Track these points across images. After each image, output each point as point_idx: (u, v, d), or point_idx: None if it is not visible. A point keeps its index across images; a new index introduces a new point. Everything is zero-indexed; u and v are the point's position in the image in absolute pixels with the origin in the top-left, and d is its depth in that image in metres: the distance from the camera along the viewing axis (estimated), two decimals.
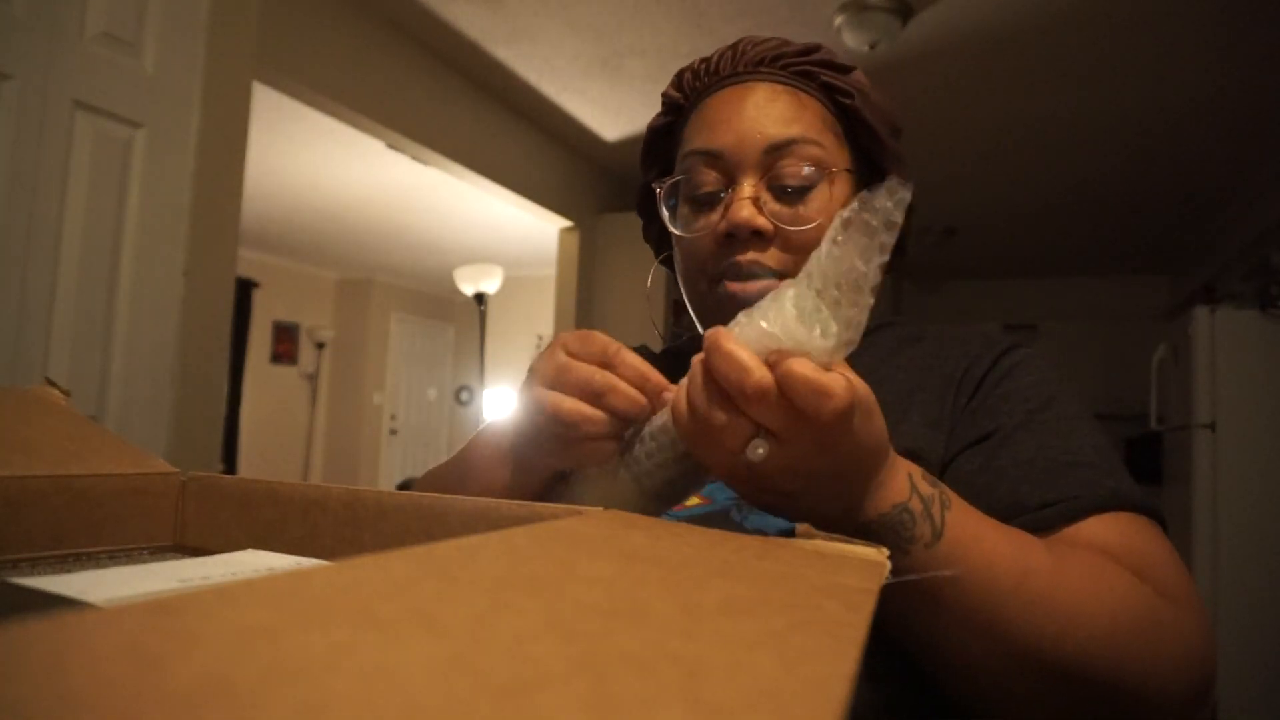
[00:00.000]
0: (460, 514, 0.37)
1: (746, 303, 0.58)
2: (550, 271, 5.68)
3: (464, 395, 7.73)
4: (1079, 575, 0.44)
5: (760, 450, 0.38)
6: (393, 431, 7.10)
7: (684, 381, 0.41)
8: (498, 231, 5.57)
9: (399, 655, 0.13)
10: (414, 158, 3.31)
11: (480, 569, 0.20)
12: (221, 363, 1.89)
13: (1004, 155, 3.79)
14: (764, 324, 0.38)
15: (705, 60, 0.66)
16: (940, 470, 0.57)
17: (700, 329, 0.69)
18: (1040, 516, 0.50)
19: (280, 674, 0.12)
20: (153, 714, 0.10)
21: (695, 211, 0.63)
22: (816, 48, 0.65)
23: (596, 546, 0.26)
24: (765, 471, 0.39)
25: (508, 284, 6.46)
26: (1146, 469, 3.83)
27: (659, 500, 0.47)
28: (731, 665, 0.15)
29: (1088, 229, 4.87)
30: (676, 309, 4.35)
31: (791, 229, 0.60)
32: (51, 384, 0.52)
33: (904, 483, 0.42)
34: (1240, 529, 2.94)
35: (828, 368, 0.37)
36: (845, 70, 0.64)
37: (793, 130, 0.61)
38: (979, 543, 0.43)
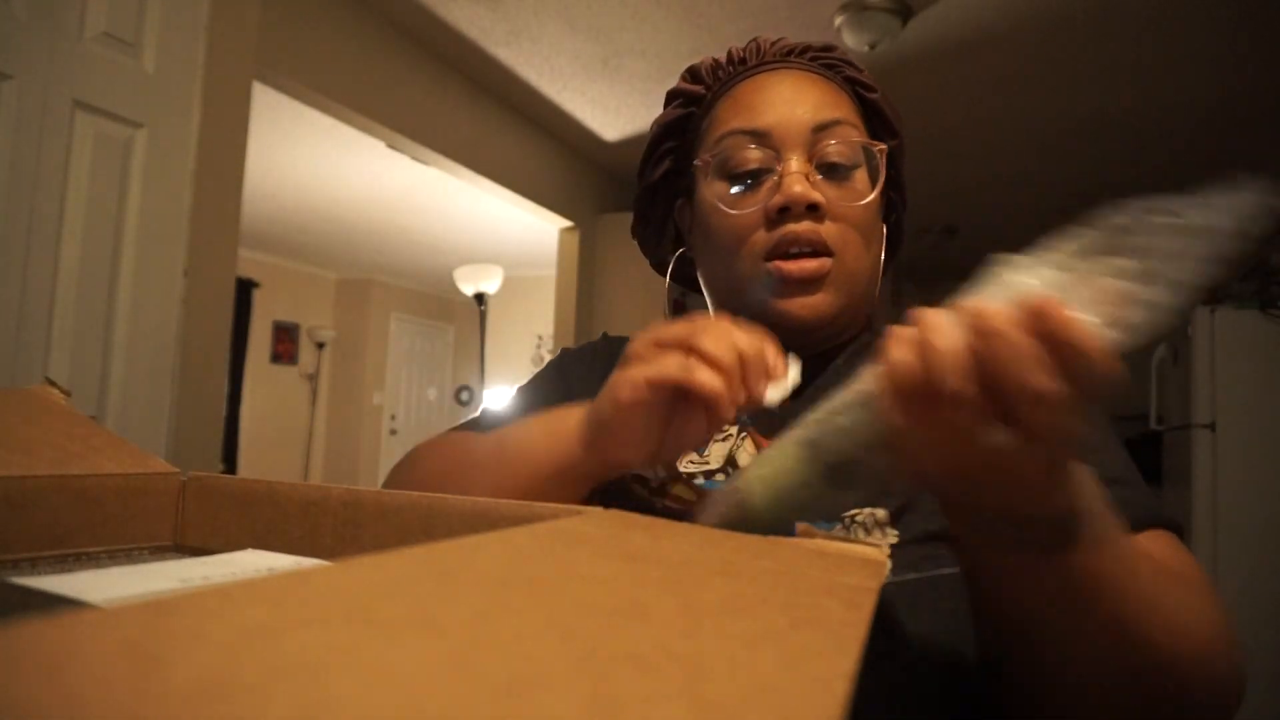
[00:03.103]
0: (460, 514, 0.37)
1: (801, 280, 0.59)
2: (550, 271, 5.68)
3: (464, 395, 7.73)
4: (1172, 578, 0.45)
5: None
6: (393, 431, 7.10)
7: (898, 343, 0.35)
8: (498, 231, 5.57)
9: (398, 655, 0.13)
10: (414, 158, 3.31)
11: (480, 569, 0.20)
12: (221, 363, 1.89)
13: (1004, 155, 3.79)
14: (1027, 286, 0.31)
15: (719, 59, 0.67)
16: None
17: (717, 313, 0.68)
18: None
19: (280, 674, 0.11)
20: (152, 714, 0.10)
21: (737, 191, 0.62)
22: (834, 46, 0.66)
23: (597, 546, 0.26)
24: (984, 457, 0.34)
25: (508, 284, 6.46)
26: (1146, 469, 3.83)
27: (834, 483, 0.40)
28: (732, 664, 0.15)
29: None
30: (676, 308, 4.34)
31: (842, 206, 0.60)
32: (52, 384, 0.52)
33: (1081, 479, 0.38)
34: (1240, 529, 2.94)
35: None
36: (858, 69, 0.66)
37: (836, 112, 0.61)
38: (1126, 541, 0.41)
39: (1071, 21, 2.57)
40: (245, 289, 6.12)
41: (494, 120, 3.47)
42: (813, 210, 0.59)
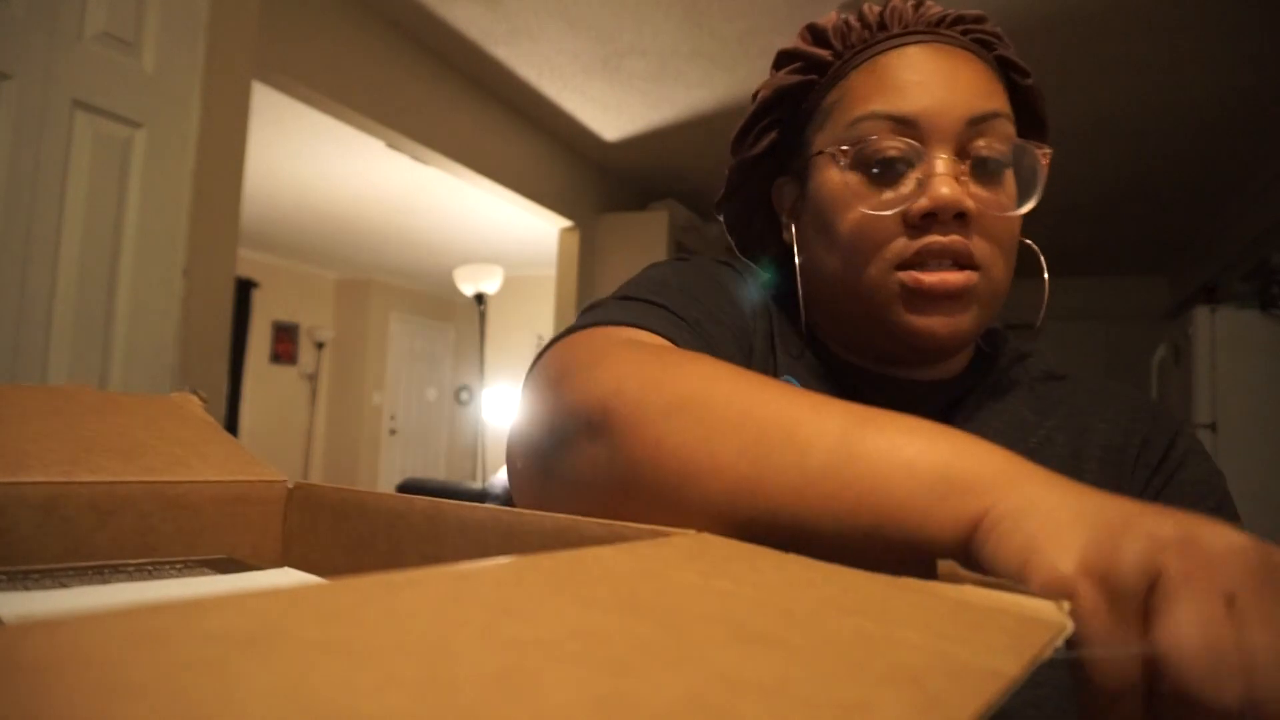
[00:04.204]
0: (541, 531, 0.34)
1: (945, 295, 0.50)
2: (550, 271, 5.69)
3: (464, 395, 7.73)
4: None
5: None
6: (392, 431, 7.10)
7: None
8: (498, 231, 5.57)
9: None
10: (414, 158, 3.31)
11: (364, 620, 0.15)
12: (221, 363, 1.88)
13: None
14: None
15: (850, 19, 0.57)
16: None
17: (847, 322, 0.57)
18: None
19: None
20: None
21: (871, 185, 0.53)
22: (985, 17, 0.56)
23: (606, 587, 0.19)
24: None
25: (508, 284, 6.46)
26: None
27: None
28: None
29: (1088, 229, 4.87)
30: None
31: (992, 216, 0.51)
32: (194, 392, 0.51)
33: None
34: (1240, 528, 2.94)
35: None
36: (1009, 49, 0.56)
37: (993, 103, 0.52)
38: None
39: (1072, 22, 2.57)
40: (245, 289, 6.12)
41: (494, 120, 3.47)
42: (960, 219, 0.50)
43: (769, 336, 0.59)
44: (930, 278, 0.50)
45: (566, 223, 4.18)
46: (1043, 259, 0.59)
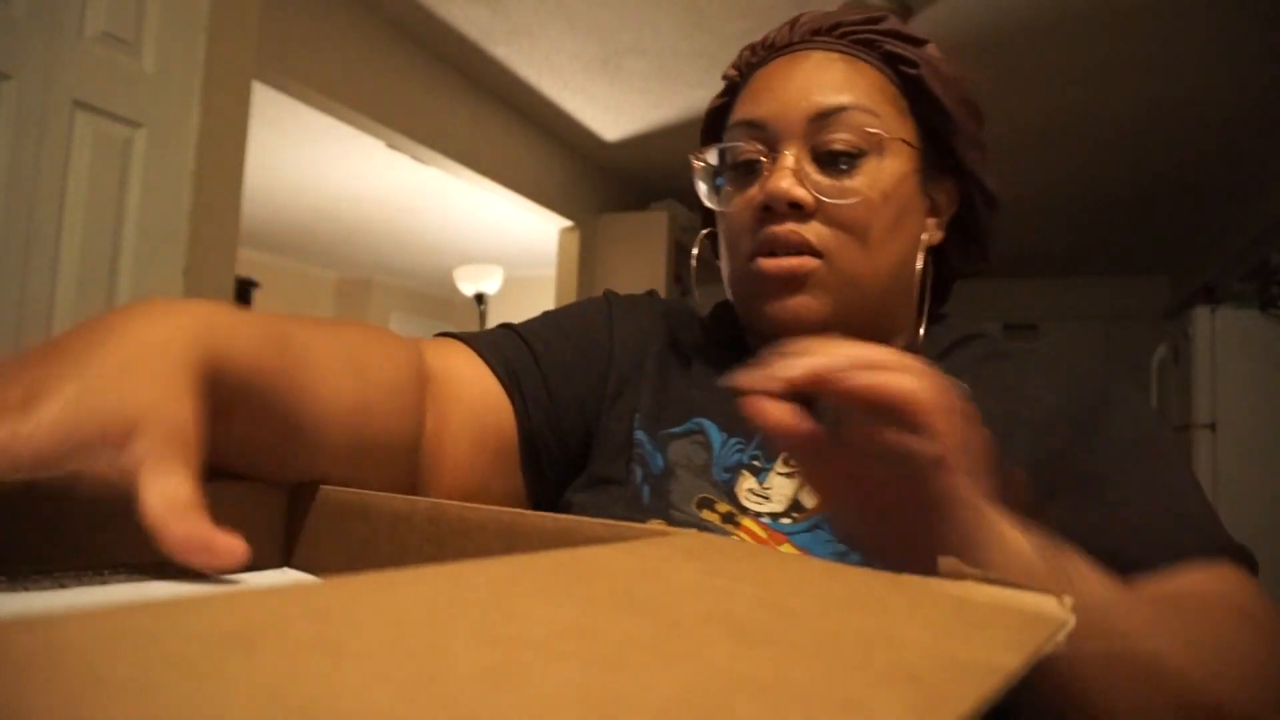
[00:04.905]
0: (541, 531, 0.35)
1: (778, 281, 0.55)
2: (550, 271, 5.68)
3: None
4: (1203, 622, 0.42)
5: None
6: None
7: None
8: (498, 231, 5.57)
9: None
10: (414, 158, 3.31)
11: (355, 619, 0.15)
12: None
13: (1004, 155, 3.79)
14: None
15: (757, 42, 0.63)
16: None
17: (740, 314, 0.63)
18: (1150, 568, 0.47)
19: None
20: None
21: (736, 186, 0.59)
22: (883, 17, 0.61)
23: (602, 585, 0.19)
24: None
25: (508, 284, 6.46)
26: None
27: None
28: None
29: (1088, 229, 4.87)
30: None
31: (835, 202, 0.55)
32: None
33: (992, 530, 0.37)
34: (1240, 529, 2.92)
35: None
36: (917, 42, 0.60)
37: (843, 97, 0.56)
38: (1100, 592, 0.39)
39: (1071, 20, 2.57)
40: (245, 289, 6.11)
41: (494, 120, 3.47)
42: (796, 209, 0.55)
43: (656, 355, 0.63)
44: (768, 263, 0.55)
45: (566, 223, 4.18)
46: (919, 261, 0.60)
